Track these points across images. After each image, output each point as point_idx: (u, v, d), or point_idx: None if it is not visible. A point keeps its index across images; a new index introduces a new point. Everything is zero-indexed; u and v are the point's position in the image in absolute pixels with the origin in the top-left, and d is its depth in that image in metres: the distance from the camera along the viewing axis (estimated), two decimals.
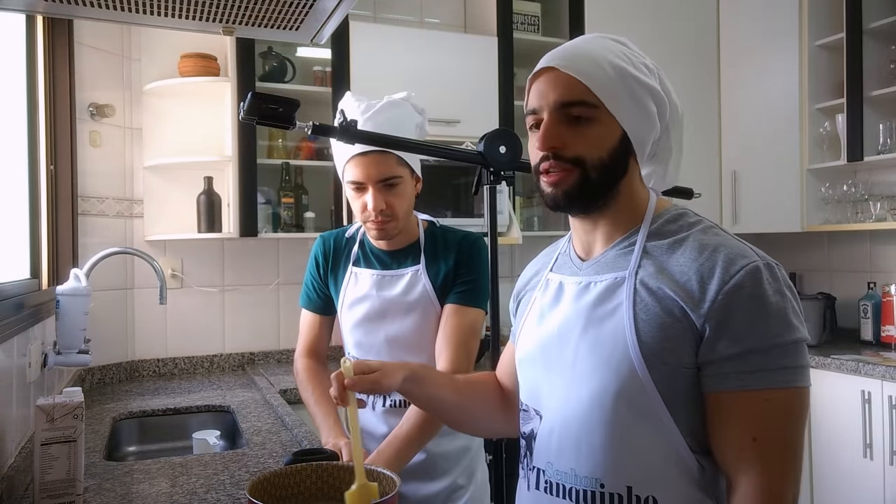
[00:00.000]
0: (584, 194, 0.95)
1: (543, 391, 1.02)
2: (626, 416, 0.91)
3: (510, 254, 3.57)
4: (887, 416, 2.57)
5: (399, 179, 1.55)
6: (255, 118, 1.27)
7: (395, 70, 2.97)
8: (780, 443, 0.86)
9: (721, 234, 0.95)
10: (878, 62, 3.00)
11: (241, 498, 1.43)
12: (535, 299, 1.09)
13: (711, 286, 0.87)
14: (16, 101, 2.10)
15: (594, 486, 0.93)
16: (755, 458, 0.86)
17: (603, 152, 0.94)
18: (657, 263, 0.93)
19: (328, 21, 1.45)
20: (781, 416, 0.86)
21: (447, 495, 1.65)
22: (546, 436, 1.00)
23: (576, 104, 0.94)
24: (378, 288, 1.64)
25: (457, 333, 1.56)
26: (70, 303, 1.87)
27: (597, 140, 0.94)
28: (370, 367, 1.08)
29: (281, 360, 3.11)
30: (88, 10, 1.34)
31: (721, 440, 0.89)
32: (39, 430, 1.32)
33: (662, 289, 0.90)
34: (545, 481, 0.99)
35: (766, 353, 0.85)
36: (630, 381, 0.90)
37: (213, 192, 2.88)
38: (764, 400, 0.86)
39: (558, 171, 0.95)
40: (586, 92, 0.93)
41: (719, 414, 0.88)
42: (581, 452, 0.94)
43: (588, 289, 0.98)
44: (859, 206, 3.20)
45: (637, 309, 0.91)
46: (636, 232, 0.98)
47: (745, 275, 0.87)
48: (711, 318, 0.86)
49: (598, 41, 0.99)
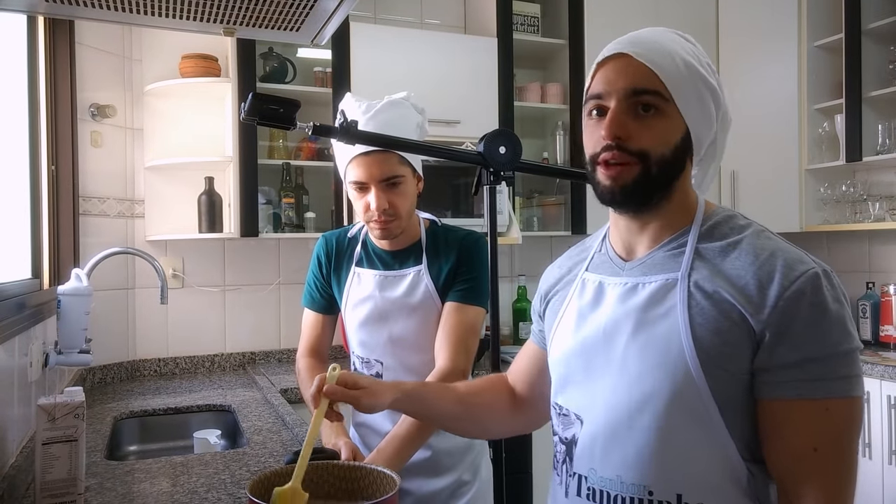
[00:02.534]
0: (643, 190, 0.92)
1: (586, 394, 0.98)
2: (679, 421, 0.88)
3: (510, 254, 3.58)
4: (886, 416, 2.57)
5: (401, 178, 1.56)
6: (256, 119, 1.27)
7: (396, 71, 2.97)
8: (841, 453, 0.84)
9: (773, 237, 0.92)
10: (877, 62, 3.01)
11: (242, 497, 1.44)
12: (571, 300, 1.05)
13: (772, 291, 0.85)
14: (17, 101, 2.11)
15: (642, 493, 0.90)
16: (816, 469, 0.84)
17: (667, 148, 0.92)
18: (711, 266, 0.90)
19: (329, 22, 1.45)
20: (842, 427, 0.84)
21: (452, 491, 1.66)
22: (589, 441, 0.96)
23: (648, 93, 0.91)
24: (381, 289, 1.64)
25: (456, 331, 1.56)
26: (71, 302, 1.88)
27: (663, 134, 0.92)
28: (357, 384, 1.05)
29: (282, 359, 3.11)
30: (89, 10, 1.35)
31: (778, 449, 0.86)
32: (40, 429, 1.32)
33: (719, 292, 0.87)
34: (588, 488, 0.96)
35: (825, 362, 0.83)
36: (685, 385, 0.87)
37: (214, 192, 2.88)
38: (825, 409, 0.83)
39: (620, 162, 0.91)
40: (658, 83, 0.91)
41: (775, 422, 0.86)
42: (628, 458, 0.91)
43: (636, 290, 0.95)
44: (858, 206, 3.21)
45: (692, 312, 0.88)
46: (685, 233, 0.95)
47: (806, 281, 0.84)
48: (771, 323, 0.84)
49: (668, 34, 0.97)
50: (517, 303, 3.46)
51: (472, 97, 3.10)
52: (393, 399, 1.07)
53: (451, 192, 2.99)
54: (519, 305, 3.44)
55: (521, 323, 3.42)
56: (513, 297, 3.50)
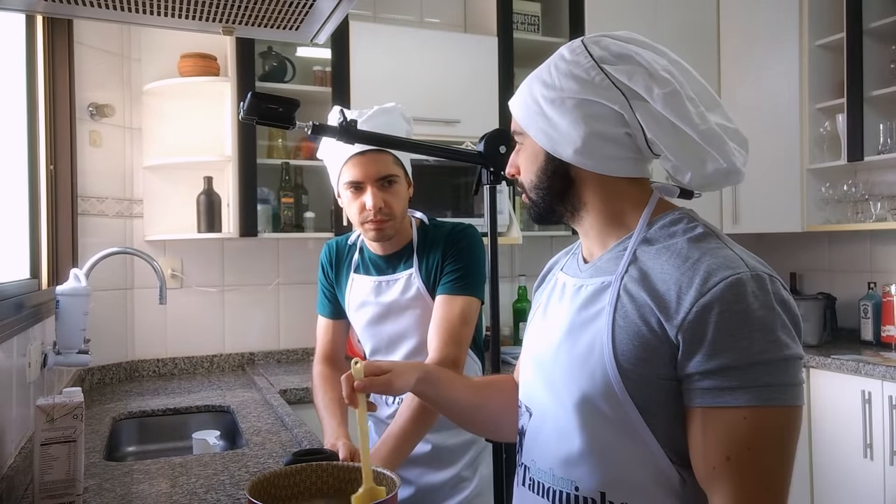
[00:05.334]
0: (538, 213, 1.03)
1: (535, 389, 1.02)
2: (601, 423, 0.89)
3: (510, 254, 3.57)
4: (887, 416, 2.57)
5: (396, 178, 1.59)
6: (255, 118, 1.27)
7: (395, 70, 2.97)
8: (756, 464, 0.81)
9: (714, 242, 0.90)
10: (879, 62, 3.00)
11: (241, 498, 1.43)
12: (542, 297, 1.10)
13: (687, 298, 0.83)
14: (16, 101, 2.10)
15: (569, 487, 0.93)
16: (727, 478, 0.82)
17: (531, 174, 1.01)
18: (642, 270, 0.90)
19: (328, 21, 1.45)
20: (761, 436, 0.81)
21: (453, 485, 1.69)
22: (533, 433, 1.01)
23: (516, 133, 1.03)
24: (376, 294, 1.68)
25: (445, 322, 1.56)
26: (70, 303, 1.87)
27: (524, 163, 1.02)
28: (381, 369, 1.07)
29: (281, 360, 3.11)
30: (88, 9, 1.34)
31: (696, 456, 0.85)
32: (39, 430, 1.32)
33: (643, 296, 0.88)
34: (529, 478, 1.00)
35: (746, 370, 0.81)
36: (604, 388, 0.88)
37: (212, 192, 2.87)
38: (742, 418, 0.81)
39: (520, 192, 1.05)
40: (517, 123, 1.02)
41: (695, 429, 0.85)
42: (560, 454, 0.94)
43: (579, 291, 0.98)
44: (859, 206, 3.20)
45: (617, 315, 0.89)
46: (630, 236, 0.97)
47: (725, 288, 0.82)
48: (684, 331, 0.83)
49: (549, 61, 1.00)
50: (517, 303, 3.45)
51: (472, 96, 3.09)
52: (417, 378, 1.10)
53: (451, 192, 2.99)
54: (519, 305, 3.44)
55: (521, 323, 3.41)
56: (513, 297, 3.50)
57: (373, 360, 1.09)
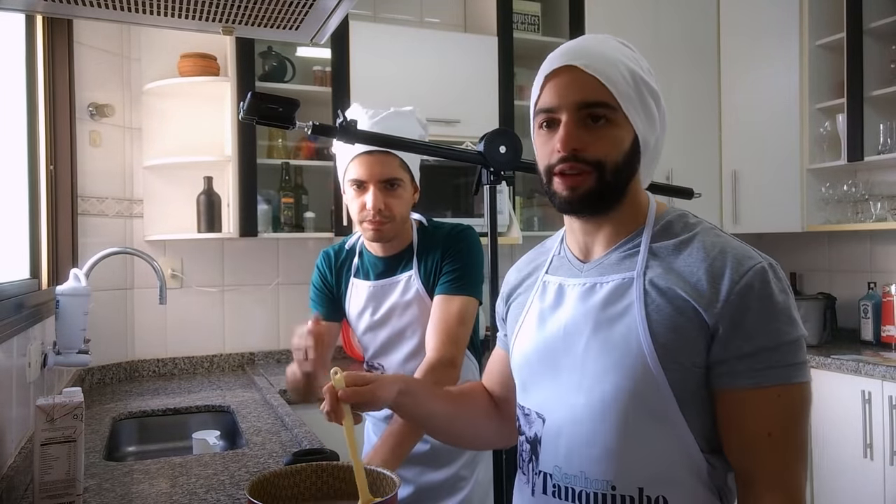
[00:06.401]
0: (600, 197, 0.96)
1: (548, 394, 1.00)
2: (640, 417, 0.91)
3: (510, 254, 3.57)
4: (887, 416, 2.57)
5: (400, 182, 1.58)
6: (255, 118, 1.27)
7: (395, 70, 2.97)
8: (792, 437, 0.88)
9: (722, 235, 0.96)
10: (879, 62, 3.00)
11: (241, 498, 1.43)
12: (533, 303, 1.07)
13: (723, 286, 0.89)
14: (15, 101, 2.10)
15: (605, 488, 0.93)
16: (770, 453, 0.88)
17: (619, 155, 0.95)
18: (665, 264, 0.94)
19: (328, 21, 1.45)
20: (792, 412, 0.89)
21: (452, 484, 1.69)
22: (552, 439, 0.99)
23: (598, 105, 0.94)
24: (376, 298, 1.68)
25: (442, 322, 1.56)
26: (70, 303, 1.87)
27: (614, 143, 0.95)
28: (364, 379, 1.02)
29: (281, 359, 3.10)
30: (88, 9, 1.34)
31: (734, 436, 0.90)
32: (39, 430, 1.31)
33: (673, 289, 0.91)
34: (553, 485, 0.98)
35: (775, 351, 0.88)
36: (644, 381, 0.90)
37: (212, 191, 2.87)
38: (777, 396, 0.88)
39: (576, 172, 0.94)
40: (607, 94, 0.94)
41: (732, 411, 0.90)
42: (592, 455, 0.94)
43: (594, 290, 0.98)
44: (859, 206, 3.20)
45: (649, 309, 0.92)
46: (638, 234, 0.99)
47: (755, 275, 0.89)
48: (724, 317, 0.88)
49: (611, 42, 0.99)
50: None
51: (472, 96, 3.09)
52: (398, 390, 1.06)
53: (451, 192, 2.99)
54: None
55: None
56: None
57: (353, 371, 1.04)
